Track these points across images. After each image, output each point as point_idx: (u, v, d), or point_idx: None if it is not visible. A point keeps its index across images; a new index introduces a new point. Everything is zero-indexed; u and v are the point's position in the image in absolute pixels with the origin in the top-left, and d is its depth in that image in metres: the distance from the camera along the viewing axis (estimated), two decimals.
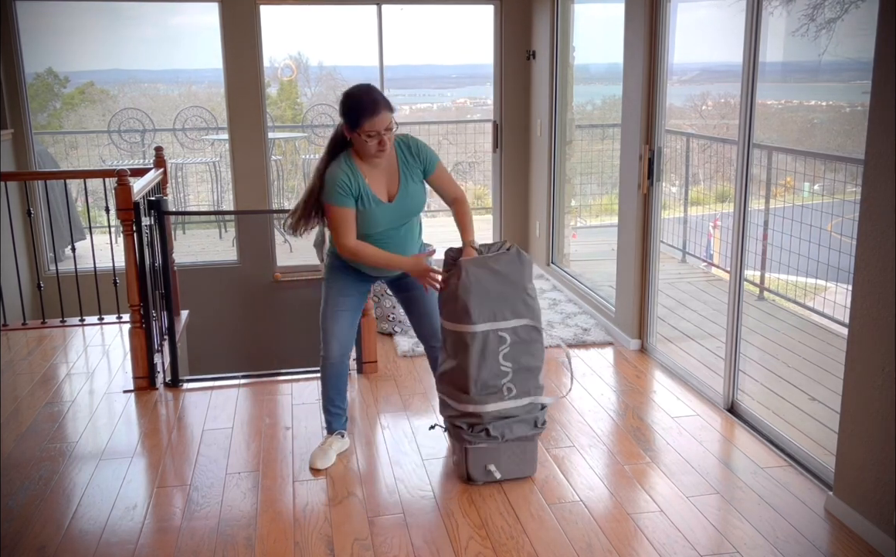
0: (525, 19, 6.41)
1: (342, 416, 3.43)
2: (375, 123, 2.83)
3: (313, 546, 2.74)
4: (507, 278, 2.97)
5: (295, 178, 9.38)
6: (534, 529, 2.82)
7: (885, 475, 2.65)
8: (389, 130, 2.88)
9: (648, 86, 4.35)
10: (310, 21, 9.33)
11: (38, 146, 6.42)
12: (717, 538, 2.76)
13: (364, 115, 2.83)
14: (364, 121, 2.83)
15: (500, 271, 2.97)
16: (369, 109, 2.83)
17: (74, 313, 5.30)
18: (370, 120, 2.83)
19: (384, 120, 2.84)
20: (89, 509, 3.00)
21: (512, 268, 2.99)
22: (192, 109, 8.91)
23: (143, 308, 4.12)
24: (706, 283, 6.13)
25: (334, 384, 3.36)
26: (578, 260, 6.41)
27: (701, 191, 6.76)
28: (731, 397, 3.76)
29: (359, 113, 2.84)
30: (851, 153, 4.88)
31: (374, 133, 2.85)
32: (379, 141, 2.87)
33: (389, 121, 2.87)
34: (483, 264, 2.97)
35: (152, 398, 4.05)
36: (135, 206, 4.00)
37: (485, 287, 2.94)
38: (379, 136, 2.85)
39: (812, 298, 5.11)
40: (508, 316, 2.97)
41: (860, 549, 2.69)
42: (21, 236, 5.81)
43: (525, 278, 3.01)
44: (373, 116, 2.82)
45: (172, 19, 9.46)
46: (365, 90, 2.88)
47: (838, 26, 4.45)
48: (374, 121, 2.83)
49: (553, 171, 6.13)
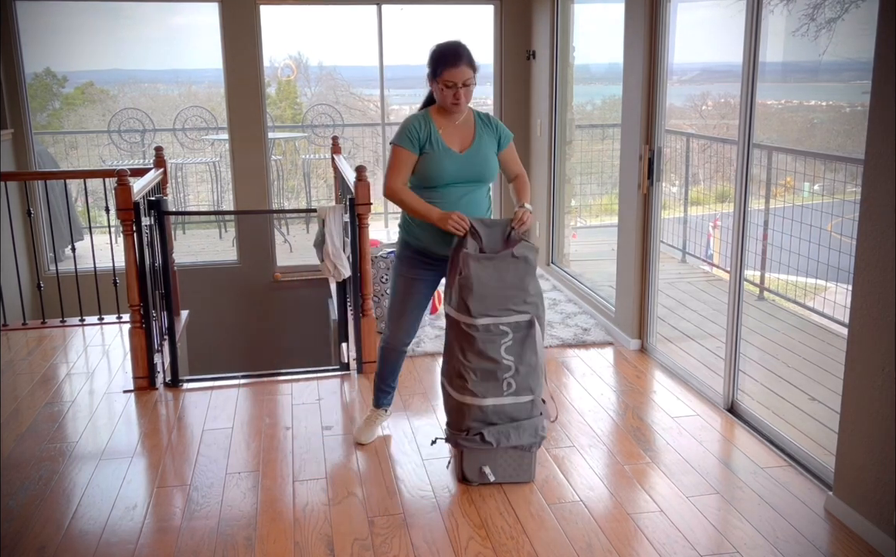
0: (525, 19, 6.41)
1: (391, 394, 3.56)
2: (454, 74, 2.97)
3: (313, 546, 2.74)
4: (509, 276, 2.97)
5: (295, 178, 9.38)
6: (534, 529, 2.82)
7: (885, 476, 2.65)
8: (467, 85, 3.01)
9: (648, 86, 4.35)
10: (310, 21, 9.33)
11: (38, 146, 6.42)
12: (717, 538, 2.76)
13: (445, 64, 2.98)
14: (443, 70, 2.98)
15: (502, 268, 2.97)
16: (451, 60, 2.97)
17: (74, 313, 5.30)
18: (449, 70, 2.97)
19: (463, 73, 2.98)
20: (89, 509, 3.00)
21: (515, 267, 2.99)
22: (192, 109, 8.91)
23: (143, 308, 4.12)
24: (706, 283, 6.13)
25: (392, 365, 3.48)
26: (578, 260, 6.41)
27: (701, 191, 6.77)
28: (731, 397, 3.76)
29: (440, 62, 2.99)
30: (851, 153, 4.88)
31: (451, 84, 2.98)
32: (455, 93, 2.99)
33: (468, 77, 2.99)
34: (486, 260, 2.97)
35: (152, 398, 4.05)
36: (135, 206, 4.00)
37: (485, 283, 2.94)
38: (455, 88, 2.99)
39: (812, 298, 5.11)
40: (510, 312, 2.97)
41: (860, 549, 2.69)
42: (21, 236, 5.81)
43: (528, 278, 3.00)
44: (452, 67, 2.97)
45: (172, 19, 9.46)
46: (452, 44, 3.02)
47: (838, 26, 4.45)
48: (452, 72, 2.97)
49: (553, 171, 6.13)
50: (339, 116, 8.81)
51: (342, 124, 8.70)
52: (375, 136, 8.84)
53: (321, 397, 4.03)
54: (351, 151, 9.03)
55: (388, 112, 7.12)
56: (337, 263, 4.14)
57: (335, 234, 4.11)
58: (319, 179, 9.26)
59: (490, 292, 2.94)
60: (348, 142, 9.12)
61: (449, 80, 2.97)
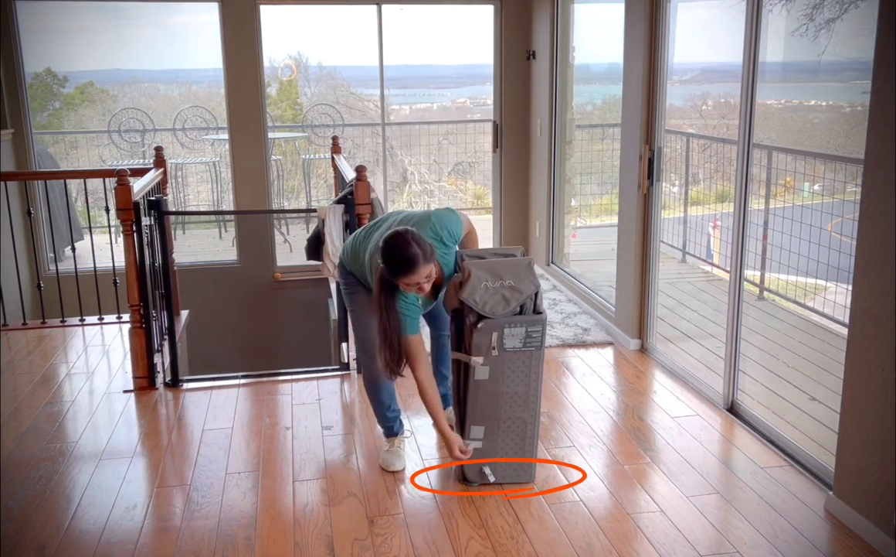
0: (525, 19, 6.41)
1: (398, 418, 3.37)
2: (412, 278, 2.80)
3: (313, 546, 2.74)
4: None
5: (295, 178, 9.38)
6: (534, 529, 2.82)
7: (885, 476, 2.65)
8: (429, 277, 2.85)
9: (648, 86, 4.35)
10: (310, 21, 9.33)
11: (38, 146, 6.42)
12: (717, 538, 2.76)
13: (401, 272, 2.79)
14: (401, 278, 2.81)
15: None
16: (407, 268, 2.78)
17: (74, 313, 5.30)
18: (407, 277, 2.80)
19: (422, 274, 2.80)
20: (89, 509, 3.00)
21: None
22: (192, 108, 8.91)
23: (143, 308, 4.12)
24: (706, 283, 6.13)
25: (386, 394, 3.31)
26: (578, 260, 6.41)
27: (701, 191, 6.76)
28: (731, 397, 3.76)
29: (396, 270, 2.80)
30: (851, 153, 4.88)
31: (412, 284, 2.83)
32: (418, 287, 2.85)
33: (429, 271, 2.82)
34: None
35: (152, 398, 4.05)
36: (135, 206, 4.00)
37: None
38: (417, 285, 2.84)
39: (812, 298, 5.11)
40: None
41: (860, 549, 2.69)
42: (21, 236, 5.81)
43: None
44: (410, 273, 2.79)
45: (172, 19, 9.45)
46: (402, 245, 2.77)
47: (838, 26, 4.45)
48: (411, 277, 2.80)
49: (553, 171, 6.13)
50: (339, 116, 8.81)
51: (342, 124, 8.70)
52: (375, 136, 8.84)
53: (321, 397, 4.03)
54: (351, 151, 9.03)
55: (388, 112, 7.12)
56: (337, 263, 4.14)
57: (335, 234, 4.11)
58: (319, 179, 9.26)
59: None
60: (348, 142, 9.12)
61: (409, 283, 2.82)
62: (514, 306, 2.94)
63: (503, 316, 2.94)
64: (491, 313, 2.92)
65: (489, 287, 2.93)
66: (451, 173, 9.92)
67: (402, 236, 2.79)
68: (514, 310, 2.95)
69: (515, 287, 2.95)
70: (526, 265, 2.98)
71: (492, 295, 2.92)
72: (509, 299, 2.94)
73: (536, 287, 2.98)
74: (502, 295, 2.94)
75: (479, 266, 2.95)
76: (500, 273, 2.94)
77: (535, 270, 3.08)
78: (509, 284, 2.94)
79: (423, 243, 2.80)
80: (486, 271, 2.94)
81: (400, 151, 9.43)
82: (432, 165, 9.67)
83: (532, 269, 2.99)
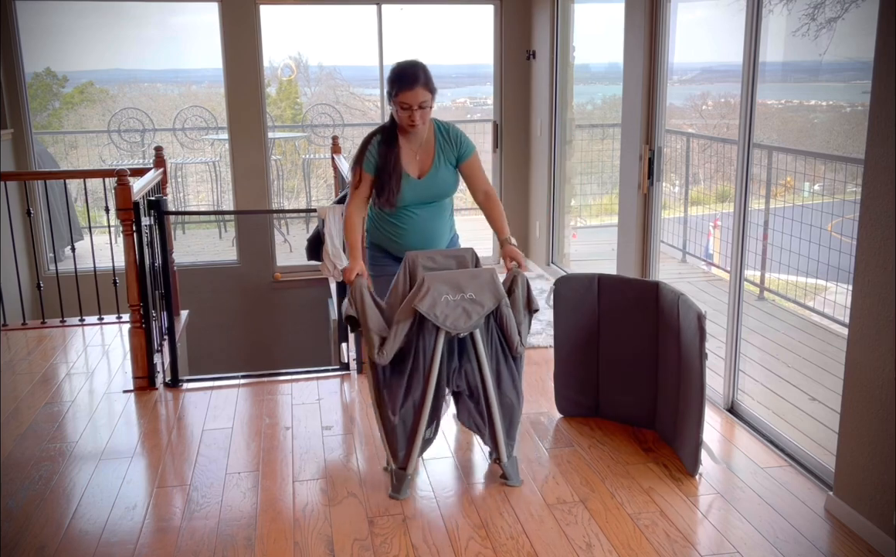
0: (525, 19, 6.41)
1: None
2: (409, 96, 2.96)
3: (313, 546, 2.74)
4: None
5: (295, 178, 9.38)
6: (534, 529, 2.82)
7: (885, 475, 2.65)
8: (423, 107, 3.00)
9: (648, 86, 4.35)
10: (310, 21, 9.33)
11: (37, 146, 6.42)
12: (717, 538, 2.76)
13: (401, 85, 2.97)
14: (399, 91, 2.97)
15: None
16: (407, 82, 2.96)
17: (74, 313, 5.31)
18: (405, 92, 2.96)
19: (418, 96, 2.97)
20: (89, 509, 3.00)
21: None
22: (192, 108, 8.91)
23: (142, 308, 4.12)
24: (706, 283, 6.13)
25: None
26: (578, 260, 6.41)
27: (701, 191, 6.76)
28: (731, 397, 3.76)
29: (397, 83, 2.99)
30: (851, 153, 4.88)
31: (406, 105, 2.98)
32: (410, 114, 2.99)
33: (425, 99, 2.99)
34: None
35: (152, 398, 4.05)
36: (135, 206, 4.00)
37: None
38: (411, 110, 2.98)
39: (812, 298, 5.11)
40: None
41: (860, 549, 2.68)
42: (21, 236, 5.81)
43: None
44: (408, 89, 2.96)
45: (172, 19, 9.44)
46: (410, 64, 3.01)
47: (838, 26, 4.45)
48: (408, 93, 2.96)
49: (553, 171, 6.13)
50: (339, 116, 8.81)
51: (342, 124, 8.70)
52: None
53: (321, 397, 4.03)
54: (351, 151, 8.99)
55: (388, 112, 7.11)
56: (337, 263, 4.14)
57: (335, 234, 4.11)
58: (319, 179, 9.26)
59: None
60: (348, 142, 9.11)
61: (404, 101, 2.97)
62: (476, 319, 2.87)
63: (466, 329, 2.87)
64: (452, 328, 2.85)
65: (450, 301, 2.84)
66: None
67: (411, 60, 3.03)
68: (476, 324, 2.88)
69: (477, 300, 2.87)
70: (488, 278, 2.90)
71: (453, 309, 2.85)
72: (471, 313, 2.86)
73: (499, 299, 2.90)
74: (463, 308, 2.85)
75: (439, 279, 2.86)
76: (462, 286, 2.86)
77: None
78: (470, 296, 2.86)
79: (429, 75, 3.01)
80: (447, 285, 2.85)
81: None
82: None
83: (494, 281, 2.91)
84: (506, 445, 3.08)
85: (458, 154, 3.19)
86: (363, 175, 3.11)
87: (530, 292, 3.07)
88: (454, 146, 3.18)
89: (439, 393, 3.00)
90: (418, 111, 2.99)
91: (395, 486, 3.05)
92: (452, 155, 3.19)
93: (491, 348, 3.00)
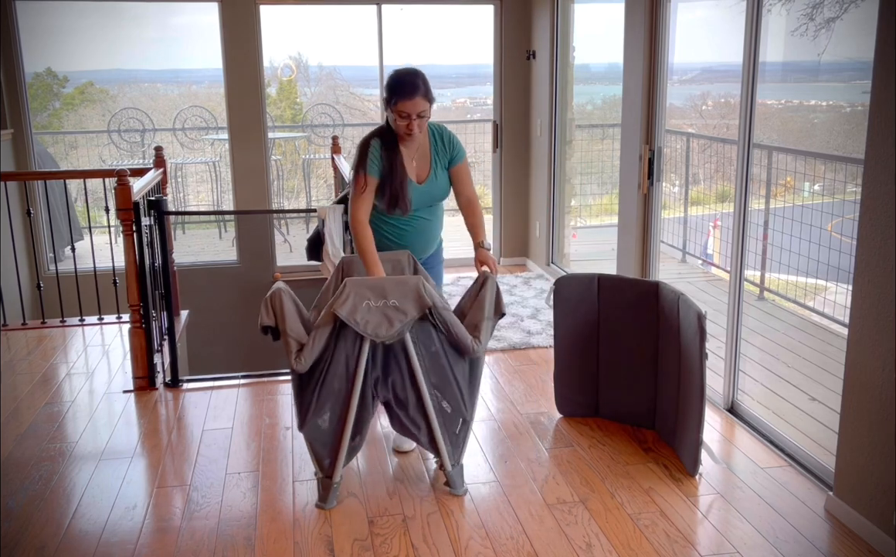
0: (525, 19, 6.41)
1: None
2: (408, 106, 2.96)
3: (313, 546, 2.74)
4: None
5: (295, 178, 9.38)
6: (534, 529, 2.82)
7: (885, 475, 2.65)
8: (422, 116, 2.99)
9: (648, 86, 4.35)
10: (310, 21, 9.33)
11: (37, 146, 6.42)
12: (717, 538, 2.76)
13: (400, 94, 2.96)
14: (398, 100, 2.96)
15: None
16: (406, 91, 2.95)
17: (74, 313, 5.30)
18: (404, 101, 2.95)
19: (417, 105, 2.96)
20: (89, 509, 3.00)
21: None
22: (192, 108, 8.91)
23: (143, 308, 4.12)
24: (706, 282, 6.13)
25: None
26: (578, 260, 6.41)
27: (701, 191, 6.76)
28: (731, 397, 3.76)
29: (396, 91, 2.97)
30: (851, 153, 4.87)
31: (405, 114, 2.97)
32: (408, 123, 2.98)
33: (423, 109, 2.99)
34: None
35: (152, 398, 4.05)
36: (135, 206, 4.00)
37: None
38: (409, 118, 2.97)
39: (812, 298, 5.11)
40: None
41: (860, 549, 2.69)
42: (21, 236, 5.81)
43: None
44: (408, 98, 2.95)
45: (172, 19, 9.44)
46: (409, 73, 3.00)
47: (838, 26, 4.45)
48: (406, 103, 2.95)
49: (553, 171, 6.13)
50: (339, 116, 8.81)
51: (342, 124, 8.70)
52: None
53: None
54: (351, 152, 8.99)
55: None
56: (336, 262, 4.14)
57: (335, 234, 4.10)
58: (319, 179, 9.26)
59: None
60: (348, 142, 9.12)
61: (403, 110, 2.96)
62: (398, 327, 2.76)
63: (387, 337, 2.77)
64: (374, 335, 2.76)
65: (371, 306, 2.75)
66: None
67: (410, 68, 3.01)
68: (399, 332, 2.77)
69: (400, 308, 2.76)
70: (413, 285, 2.78)
71: (374, 315, 2.75)
72: (392, 320, 2.76)
73: (424, 308, 2.78)
74: (385, 315, 2.76)
75: (361, 283, 2.77)
76: (386, 291, 2.77)
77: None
78: (393, 303, 2.76)
79: (428, 85, 2.99)
80: (370, 289, 2.76)
81: None
82: None
83: (419, 288, 2.78)
84: (448, 453, 3.00)
85: (450, 157, 3.22)
86: (368, 180, 3.08)
87: (499, 296, 3.02)
88: (448, 150, 3.20)
89: (364, 402, 2.89)
90: (416, 120, 2.98)
91: (322, 495, 2.99)
92: (446, 159, 3.21)
93: (429, 354, 2.88)
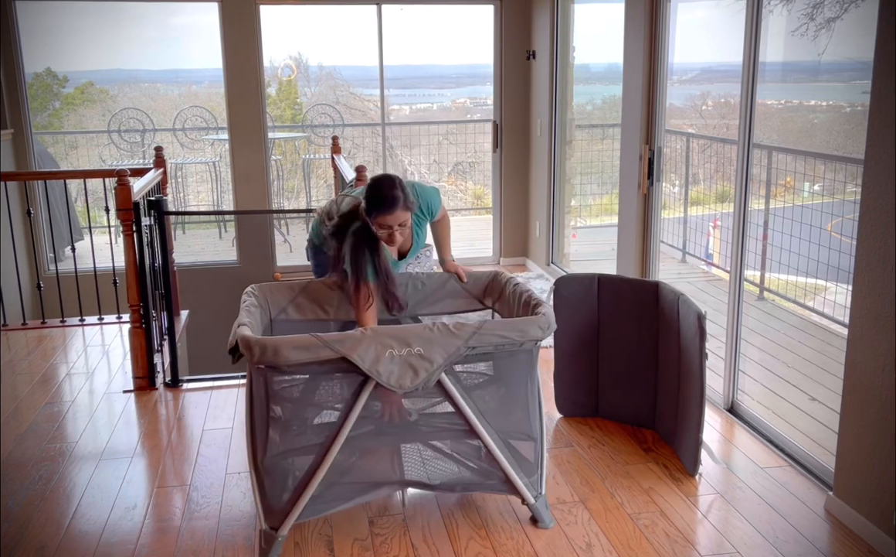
0: (525, 19, 6.41)
1: None
2: (388, 219, 2.85)
3: (313, 546, 2.74)
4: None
5: (295, 178, 9.38)
6: (534, 529, 2.82)
7: (885, 475, 2.65)
8: (403, 225, 2.90)
9: (648, 86, 4.35)
10: (310, 21, 9.33)
11: (37, 146, 6.42)
12: (717, 538, 2.76)
13: (379, 209, 2.84)
14: (378, 215, 2.85)
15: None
16: (386, 206, 2.83)
17: (74, 313, 5.30)
18: (383, 216, 2.84)
19: (397, 218, 2.86)
20: (89, 509, 3.00)
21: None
22: (192, 108, 8.91)
23: (142, 308, 4.12)
24: (706, 282, 6.13)
25: None
26: (578, 260, 6.42)
27: (701, 191, 6.77)
28: (731, 397, 3.76)
29: (374, 207, 2.84)
30: (851, 153, 4.88)
31: (385, 226, 2.88)
32: (389, 233, 2.89)
33: (404, 219, 2.88)
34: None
35: (152, 398, 4.05)
36: (135, 206, 4.00)
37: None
38: (390, 229, 2.88)
39: (812, 298, 5.11)
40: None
41: (860, 549, 2.69)
42: (21, 236, 5.81)
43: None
44: (387, 213, 2.84)
45: (172, 19, 9.44)
46: (387, 185, 2.85)
47: (838, 26, 4.45)
48: (386, 217, 2.85)
49: (553, 171, 6.13)
50: (339, 116, 8.81)
51: (342, 124, 8.70)
52: (375, 136, 8.84)
53: None
54: (351, 151, 9.03)
55: (388, 112, 7.12)
56: None
57: None
58: (319, 179, 9.26)
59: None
60: (348, 142, 9.12)
61: (383, 223, 2.87)
62: (423, 377, 2.56)
63: (411, 389, 2.57)
64: (397, 387, 2.56)
65: (395, 356, 2.55)
66: (451, 173, 9.92)
67: (389, 178, 2.89)
68: (425, 382, 2.57)
69: (425, 356, 2.56)
70: (441, 330, 2.59)
71: (398, 365, 2.56)
72: (418, 369, 2.56)
73: (450, 352, 2.58)
74: (409, 364, 2.56)
75: (381, 332, 2.58)
76: (409, 340, 2.58)
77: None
78: (418, 351, 2.56)
79: (407, 192, 2.88)
80: (391, 338, 2.57)
81: (400, 151, 9.43)
82: (432, 165, 9.66)
83: (445, 334, 2.58)
84: (526, 485, 2.78)
85: (430, 218, 3.21)
86: (371, 287, 3.00)
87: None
88: (426, 215, 3.17)
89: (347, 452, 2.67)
90: (398, 228, 2.89)
91: (263, 550, 2.63)
92: (426, 222, 3.20)
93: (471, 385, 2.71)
